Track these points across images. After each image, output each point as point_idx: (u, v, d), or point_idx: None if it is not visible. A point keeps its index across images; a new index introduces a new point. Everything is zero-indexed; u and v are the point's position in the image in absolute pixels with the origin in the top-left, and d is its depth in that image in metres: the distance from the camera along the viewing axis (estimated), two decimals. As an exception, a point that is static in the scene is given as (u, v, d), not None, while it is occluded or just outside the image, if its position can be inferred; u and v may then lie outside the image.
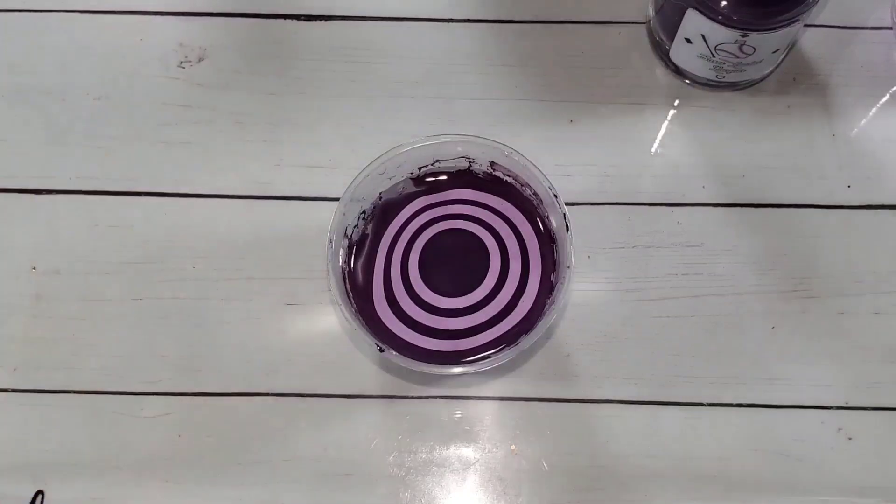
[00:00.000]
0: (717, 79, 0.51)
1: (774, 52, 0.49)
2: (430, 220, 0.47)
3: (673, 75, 0.53)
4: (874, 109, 0.53)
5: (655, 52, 0.53)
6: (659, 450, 0.48)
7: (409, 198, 0.48)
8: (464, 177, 0.48)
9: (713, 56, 0.49)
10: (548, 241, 0.47)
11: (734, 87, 0.52)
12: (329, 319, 0.50)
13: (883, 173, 0.51)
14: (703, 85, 0.52)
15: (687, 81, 0.52)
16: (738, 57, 0.48)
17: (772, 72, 0.52)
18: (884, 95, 0.53)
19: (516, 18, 0.55)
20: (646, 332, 0.49)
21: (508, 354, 0.44)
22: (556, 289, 0.45)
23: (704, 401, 0.48)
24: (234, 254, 0.51)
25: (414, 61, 0.54)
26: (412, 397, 0.49)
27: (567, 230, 0.45)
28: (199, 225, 0.51)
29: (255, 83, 0.53)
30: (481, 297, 0.46)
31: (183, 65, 0.54)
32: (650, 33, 0.53)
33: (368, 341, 0.44)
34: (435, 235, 0.47)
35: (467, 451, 0.48)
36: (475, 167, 0.48)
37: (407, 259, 0.47)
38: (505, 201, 0.48)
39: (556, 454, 0.48)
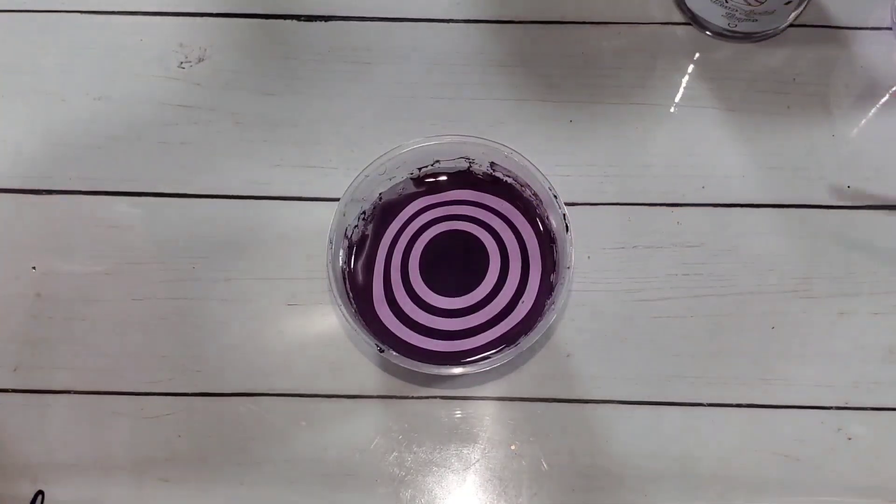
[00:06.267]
0: (729, 27, 0.52)
1: (787, 3, 0.49)
2: (430, 220, 0.47)
3: (689, 26, 0.53)
4: (874, 109, 0.53)
5: None
6: (659, 450, 0.48)
7: (409, 198, 0.48)
8: (464, 177, 0.48)
9: (726, 1, 0.50)
10: (547, 242, 0.47)
11: (749, 37, 0.53)
12: (329, 320, 0.50)
13: (883, 173, 0.51)
14: (718, 35, 0.53)
15: (708, 33, 0.53)
16: (749, 4, 0.49)
17: (786, 27, 0.53)
18: (884, 95, 0.53)
19: (516, 18, 0.54)
20: (646, 332, 0.49)
21: (508, 355, 0.44)
22: (555, 289, 0.45)
23: (704, 401, 0.48)
24: (234, 254, 0.51)
25: (414, 61, 0.54)
26: (412, 397, 0.49)
27: (567, 230, 0.45)
28: (199, 225, 0.51)
29: (255, 83, 0.53)
30: (481, 297, 0.46)
31: (183, 65, 0.54)
32: None
33: (368, 342, 0.44)
34: (435, 236, 0.47)
35: (467, 451, 0.48)
36: (475, 167, 0.48)
37: (407, 259, 0.47)
38: (505, 201, 0.48)
39: (556, 454, 0.48)
